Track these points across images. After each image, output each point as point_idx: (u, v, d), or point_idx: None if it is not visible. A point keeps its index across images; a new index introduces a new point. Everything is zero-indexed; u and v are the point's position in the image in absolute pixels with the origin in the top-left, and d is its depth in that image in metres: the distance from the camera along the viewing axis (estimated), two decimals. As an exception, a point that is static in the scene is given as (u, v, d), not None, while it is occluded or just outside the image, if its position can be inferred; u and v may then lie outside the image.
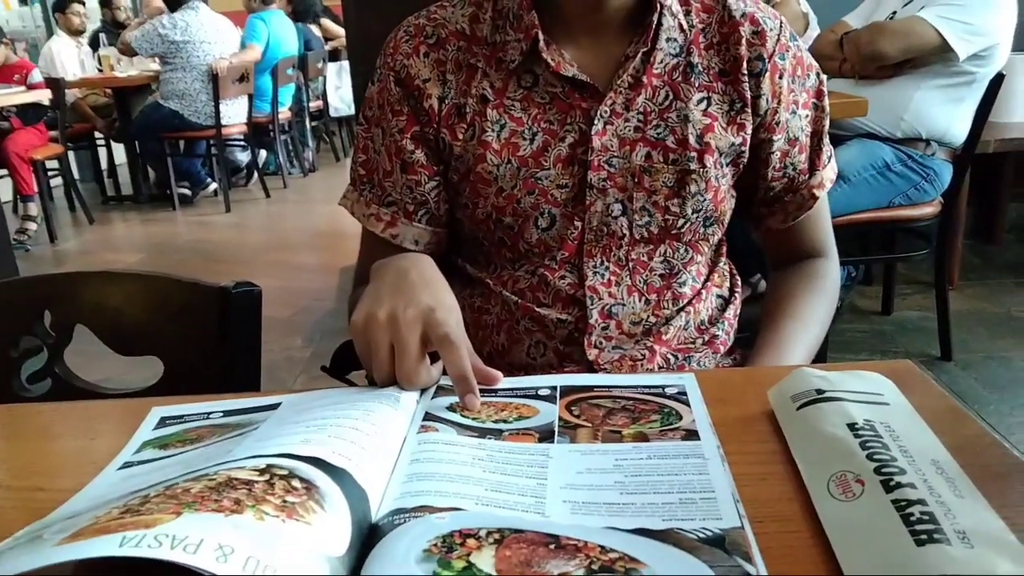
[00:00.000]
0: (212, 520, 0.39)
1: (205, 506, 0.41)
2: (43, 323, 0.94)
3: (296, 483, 0.46)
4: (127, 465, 0.60)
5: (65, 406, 0.75)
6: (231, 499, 0.42)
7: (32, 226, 4.43)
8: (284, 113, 5.50)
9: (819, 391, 0.59)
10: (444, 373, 0.68)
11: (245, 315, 0.88)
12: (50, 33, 5.67)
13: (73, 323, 0.94)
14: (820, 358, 2.33)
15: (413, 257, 0.77)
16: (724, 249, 1.00)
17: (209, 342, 0.89)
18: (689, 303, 0.92)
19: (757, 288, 2.13)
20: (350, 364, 0.99)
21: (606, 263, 0.88)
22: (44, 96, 4.37)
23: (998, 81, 2.17)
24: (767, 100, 0.88)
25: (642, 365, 0.89)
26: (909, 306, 2.86)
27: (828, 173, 0.96)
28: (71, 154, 5.14)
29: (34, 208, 4.42)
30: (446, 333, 0.65)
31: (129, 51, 4.89)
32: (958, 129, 2.26)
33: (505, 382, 0.68)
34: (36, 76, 4.47)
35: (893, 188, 2.27)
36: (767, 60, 0.87)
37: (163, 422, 0.67)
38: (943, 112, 2.24)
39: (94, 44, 5.66)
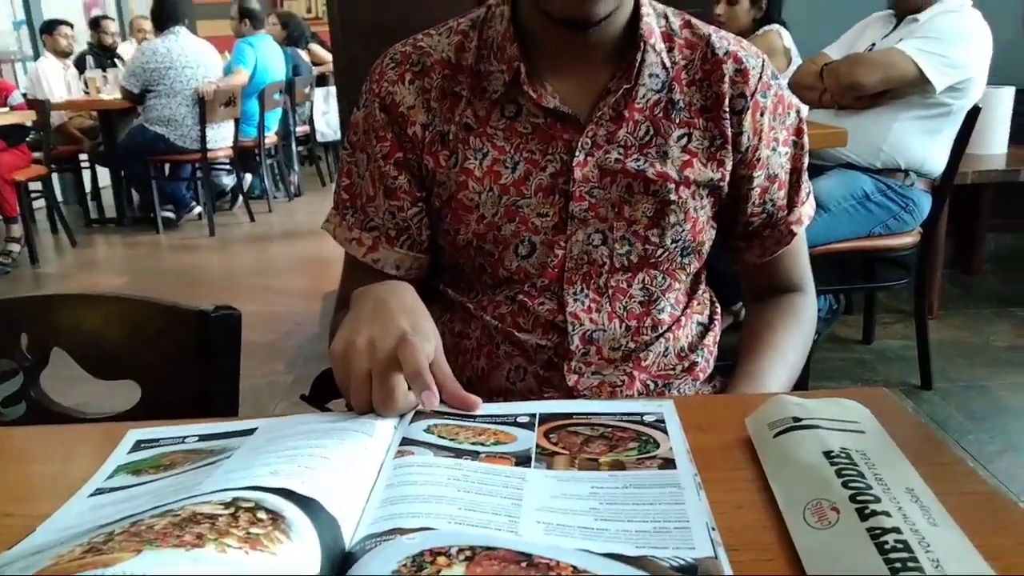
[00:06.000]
0: (173, 555, 0.39)
1: (167, 542, 0.40)
2: (19, 346, 0.93)
3: (262, 514, 0.45)
4: (99, 492, 0.59)
5: (39, 430, 0.74)
6: (193, 534, 0.41)
7: (15, 248, 4.39)
8: (270, 137, 5.51)
9: (795, 419, 0.59)
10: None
11: (224, 339, 0.88)
12: (37, 55, 5.66)
13: (50, 346, 0.93)
14: (801, 386, 2.34)
15: (393, 284, 0.77)
16: (703, 277, 1.00)
17: (187, 366, 0.89)
18: (668, 329, 0.93)
19: (739, 316, 2.14)
20: (330, 393, 0.98)
21: (586, 290, 0.89)
22: (26, 117, 4.35)
23: (975, 114, 2.21)
24: (748, 137, 0.89)
25: (621, 391, 0.89)
26: (890, 335, 2.89)
27: (806, 210, 0.98)
28: (55, 176, 5.12)
29: (17, 230, 4.39)
30: (424, 359, 0.65)
31: (129, 96, 4.89)
32: (936, 160, 2.30)
33: (484, 408, 0.68)
34: (17, 97, 4.45)
35: (873, 218, 2.29)
36: (749, 98, 0.88)
37: (138, 445, 0.66)
38: (921, 143, 2.28)
39: (80, 66, 5.65)
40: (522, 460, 0.59)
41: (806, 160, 0.96)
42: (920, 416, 2.27)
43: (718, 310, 1.02)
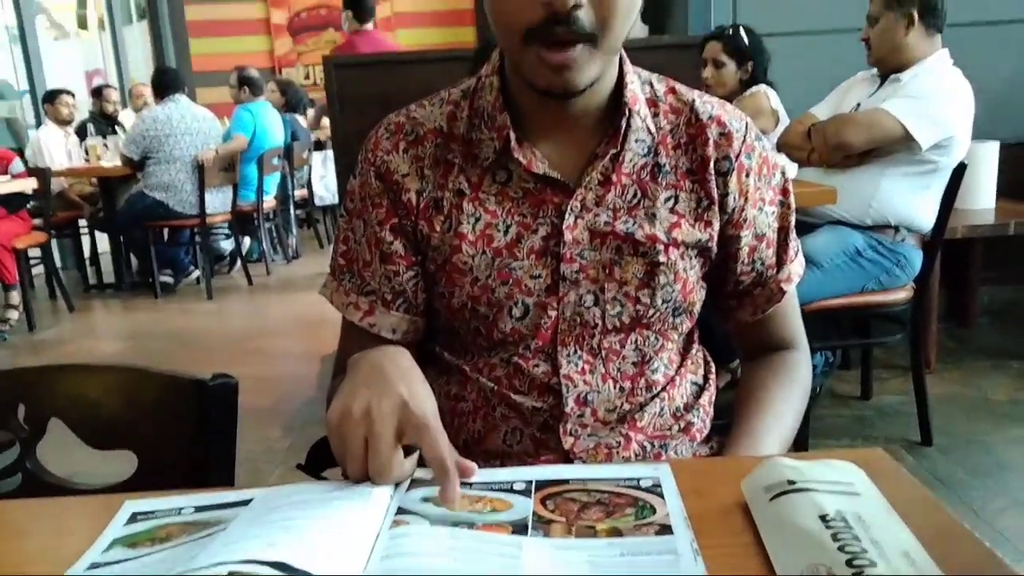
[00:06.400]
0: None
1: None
2: (16, 417, 0.93)
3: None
4: (94, 566, 0.58)
5: (34, 503, 0.74)
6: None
7: (13, 315, 4.39)
8: (269, 202, 5.56)
9: (790, 481, 0.59)
10: (419, 465, 0.68)
11: (221, 408, 0.88)
12: (39, 122, 5.75)
13: (47, 416, 0.93)
14: (800, 445, 2.33)
15: (388, 350, 0.77)
16: (696, 336, 1.01)
17: (184, 435, 0.89)
18: (663, 389, 0.93)
19: (737, 374, 2.14)
20: (326, 461, 0.98)
21: (579, 351, 0.90)
22: (27, 185, 4.40)
23: (961, 170, 2.25)
24: (734, 198, 0.91)
25: (618, 452, 0.89)
26: (888, 390, 2.88)
27: (796, 267, 0.99)
28: (54, 242, 5.15)
29: (15, 297, 4.39)
30: (423, 423, 0.65)
31: (128, 162, 4.97)
32: (925, 216, 2.33)
33: (480, 475, 0.68)
34: (18, 166, 4.51)
35: (865, 274, 2.31)
36: (734, 160, 0.90)
37: (134, 518, 0.66)
38: (910, 199, 2.31)
39: (82, 133, 5.74)
40: (519, 528, 0.58)
41: (793, 219, 0.98)
42: (922, 473, 2.25)
43: (712, 370, 1.03)
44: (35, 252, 4.82)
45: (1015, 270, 3.55)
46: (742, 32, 2.80)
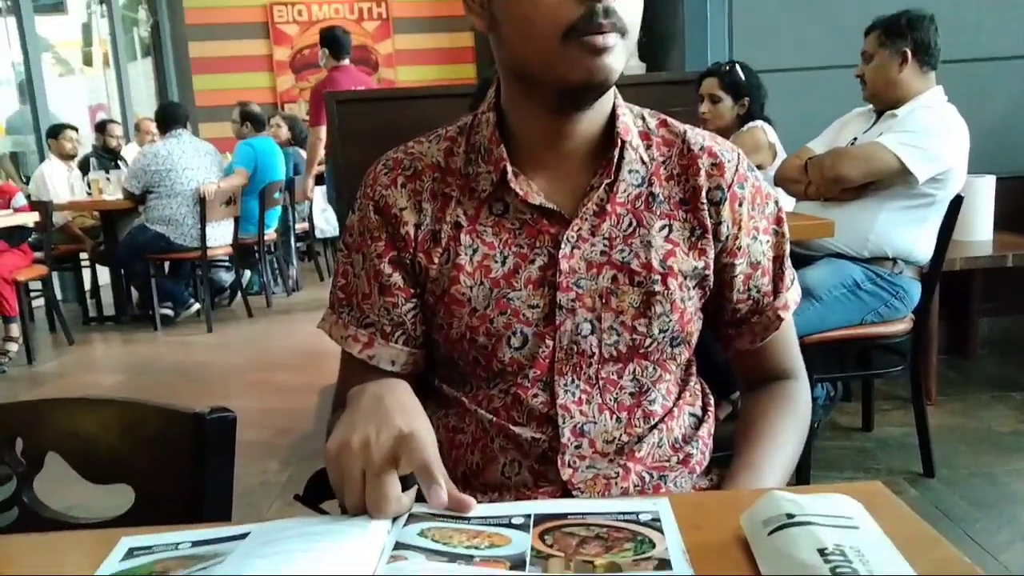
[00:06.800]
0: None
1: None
2: (14, 451, 0.92)
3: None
4: (89, 601, 0.58)
5: (30, 538, 0.73)
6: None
7: (12, 348, 4.39)
8: (270, 235, 5.58)
9: (789, 515, 0.59)
10: (416, 500, 0.67)
11: (219, 442, 0.88)
12: (42, 157, 5.79)
13: (45, 450, 0.92)
14: (802, 477, 2.32)
15: (388, 383, 0.78)
16: (694, 368, 1.01)
17: (182, 469, 0.88)
18: (661, 420, 0.93)
19: (738, 406, 2.13)
20: (324, 493, 0.98)
21: (577, 381, 0.90)
22: (29, 219, 4.43)
23: (957, 203, 2.26)
24: (728, 226, 0.92)
25: (616, 484, 0.89)
26: (890, 422, 2.87)
27: (792, 295, 1.00)
28: (55, 274, 5.16)
29: (15, 329, 4.39)
30: (422, 457, 0.65)
31: (130, 196, 5.00)
32: (923, 248, 2.34)
33: (479, 509, 0.67)
34: (20, 200, 4.55)
35: (864, 306, 2.32)
36: (726, 189, 0.92)
37: (131, 553, 0.66)
38: (907, 232, 2.32)
39: (84, 167, 5.78)
40: (517, 563, 0.58)
41: (788, 248, 0.99)
42: (925, 506, 2.24)
43: (711, 401, 1.03)
44: (36, 284, 4.83)
45: (1014, 301, 3.55)
46: (738, 68, 2.83)
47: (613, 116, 0.90)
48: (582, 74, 0.81)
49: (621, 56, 0.82)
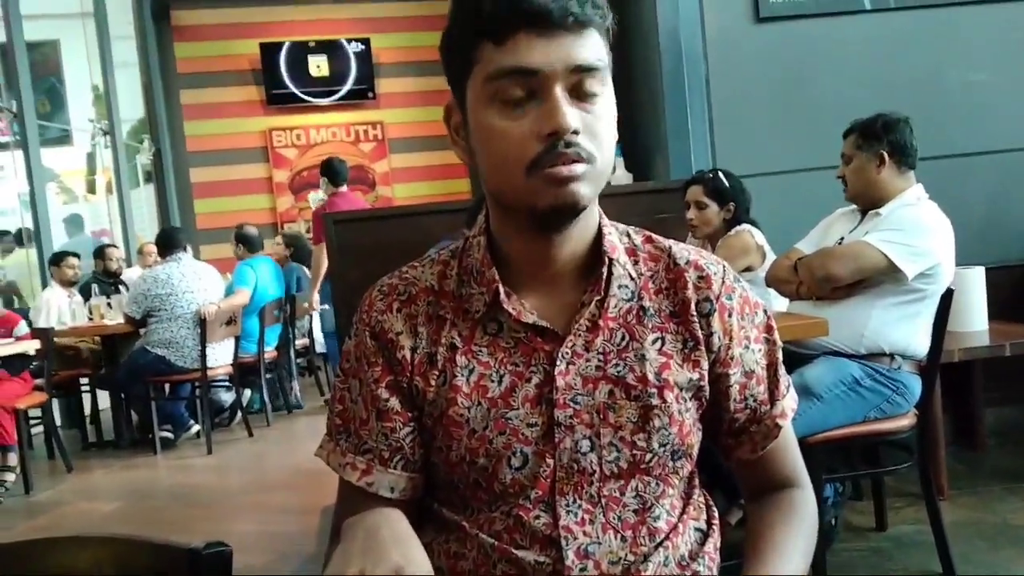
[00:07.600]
0: None
1: None
2: (6, 595, 0.91)
3: None
4: None
5: None
6: None
7: (10, 477, 4.31)
8: (270, 353, 5.60)
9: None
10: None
11: (215, 577, 0.86)
12: (44, 284, 5.87)
13: (38, 593, 0.91)
14: (819, 582, 2.22)
15: (384, 513, 0.77)
16: (697, 481, 1.01)
17: (177, 607, 0.86)
18: (666, 538, 0.92)
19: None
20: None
21: (579, 500, 0.89)
22: (30, 347, 4.45)
23: (948, 296, 2.29)
24: (719, 337, 0.94)
25: (624, 608, 0.87)
26: (903, 519, 2.80)
27: (788, 403, 1.00)
28: (54, 400, 5.14)
29: (13, 459, 4.33)
30: None
31: (131, 321, 5.06)
32: (919, 342, 2.34)
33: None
34: (23, 328, 4.58)
35: (865, 403, 2.30)
36: (715, 301, 0.94)
37: None
38: (901, 327, 2.33)
39: (85, 293, 5.85)
40: None
41: (780, 355, 1.00)
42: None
43: (715, 514, 1.01)
44: (35, 412, 4.80)
45: (1018, 389, 3.54)
46: (721, 175, 2.92)
47: (600, 234, 0.93)
48: (549, 201, 0.84)
49: (591, 181, 0.85)
